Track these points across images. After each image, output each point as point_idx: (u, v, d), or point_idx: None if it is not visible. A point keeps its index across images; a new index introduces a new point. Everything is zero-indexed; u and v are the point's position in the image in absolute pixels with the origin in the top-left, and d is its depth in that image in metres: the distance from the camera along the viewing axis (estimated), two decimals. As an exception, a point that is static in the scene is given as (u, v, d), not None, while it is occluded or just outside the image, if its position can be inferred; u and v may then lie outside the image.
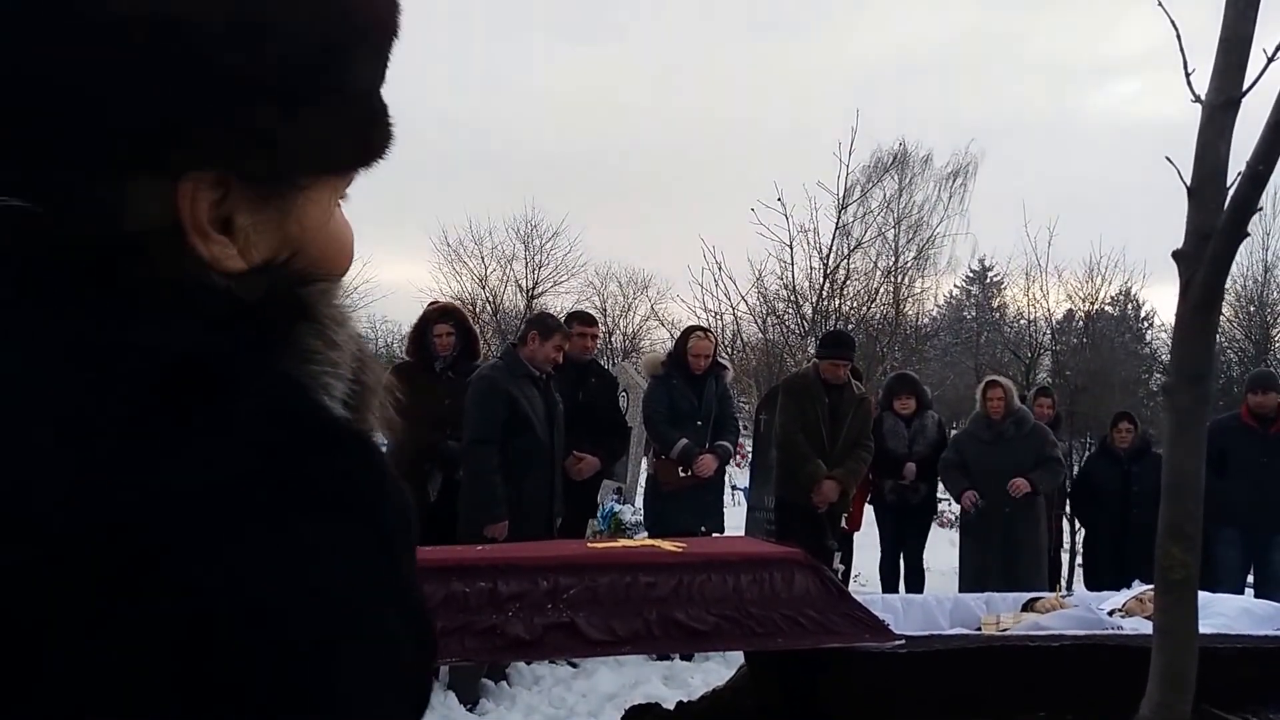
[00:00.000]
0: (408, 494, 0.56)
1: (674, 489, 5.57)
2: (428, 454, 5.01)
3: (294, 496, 0.48)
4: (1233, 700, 3.68)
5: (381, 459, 0.54)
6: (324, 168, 0.60)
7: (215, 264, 0.55)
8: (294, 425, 0.51)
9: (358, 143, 0.61)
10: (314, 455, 0.50)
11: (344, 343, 0.58)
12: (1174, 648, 1.85)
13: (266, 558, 0.46)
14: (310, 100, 0.56)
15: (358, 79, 0.59)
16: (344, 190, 0.63)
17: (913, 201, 18.14)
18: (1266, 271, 21.13)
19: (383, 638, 0.50)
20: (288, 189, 0.58)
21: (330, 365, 0.57)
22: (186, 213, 0.54)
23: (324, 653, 0.47)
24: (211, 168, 0.54)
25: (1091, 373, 14.81)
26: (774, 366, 13.68)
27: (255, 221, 0.57)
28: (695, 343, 5.80)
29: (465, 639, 2.94)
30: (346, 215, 0.65)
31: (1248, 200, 1.72)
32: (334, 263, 0.62)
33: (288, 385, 0.53)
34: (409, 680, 0.52)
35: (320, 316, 0.57)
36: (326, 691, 0.46)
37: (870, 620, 3.32)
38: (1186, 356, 1.84)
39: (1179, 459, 1.86)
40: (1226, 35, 1.82)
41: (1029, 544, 6.25)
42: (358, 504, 0.51)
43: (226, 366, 0.51)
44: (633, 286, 25.77)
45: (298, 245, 0.59)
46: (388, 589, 0.51)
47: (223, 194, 0.55)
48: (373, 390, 0.61)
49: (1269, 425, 6.33)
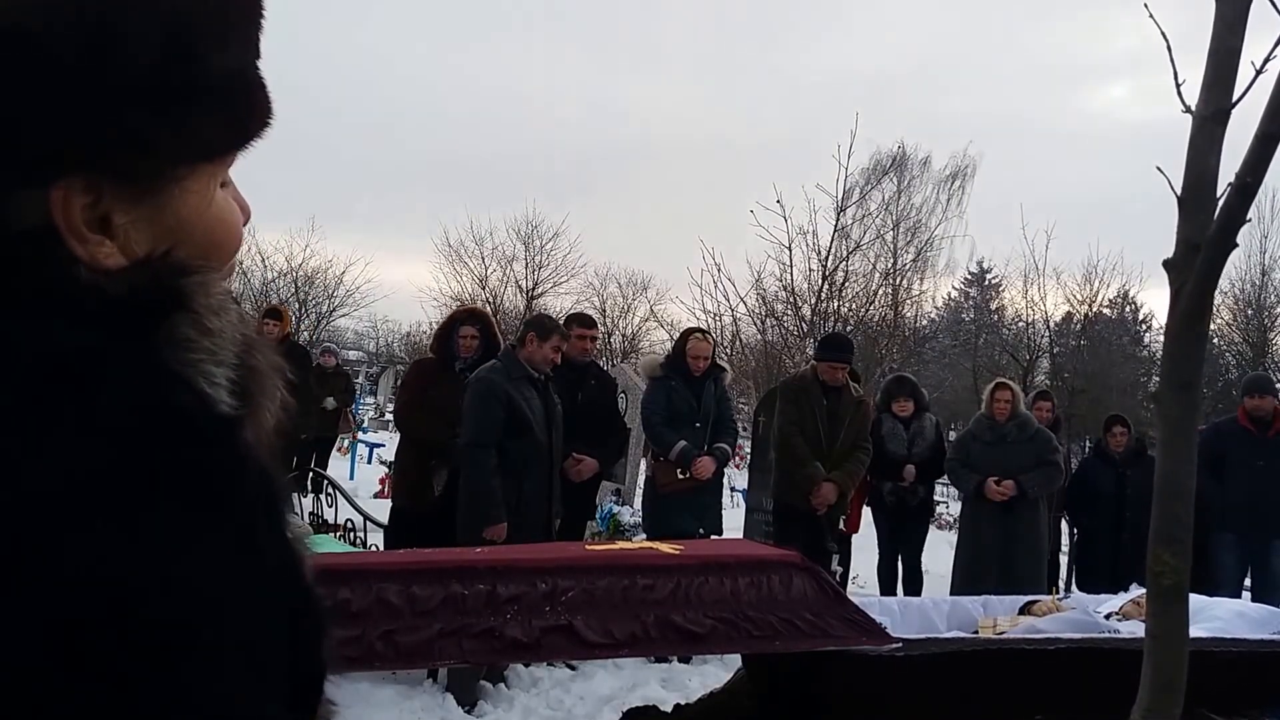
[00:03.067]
0: (274, 477, 0.58)
1: (672, 491, 5.57)
2: (435, 450, 5.05)
3: (149, 488, 0.50)
4: (1228, 704, 3.70)
5: (244, 444, 0.56)
6: (196, 157, 0.60)
7: (94, 263, 0.56)
8: (153, 417, 0.52)
9: (229, 127, 0.61)
10: (171, 446, 0.52)
11: (222, 329, 0.59)
12: (1164, 653, 1.87)
13: (119, 549, 0.48)
14: (171, 95, 0.57)
15: (222, 63, 0.59)
16: (224, 173, 0.64)
17: (911, 204, 18.20)
18: (1264, 275, 21.17)
19: (238, 621, 0.51)
20: (161, 184, 0.59)
21: (207, 353, 0.58)
22: (60, 218, 0.55)
23: (183, 638, 0.48)
24: (81, 173, 0.56)
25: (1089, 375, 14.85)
26: (773, 368, 13.71)
27: (132, 218, 0.58)
28: (694, 344, 5.80)
29: (463, 641, 2.95)
30: (236, 193, 0.66)
31: (1236, 212, 1.74)
32: (218, 247, 0.63)
33: (154, 376, 0.55)
34: (273, 660, 0.53)
35: (197, 306, 0.58)
36: (183, 674, 0.48)
37: (867, 623, 3.34)
38: (1177, 365, 1.87)
39: (1170, 465, 1.89)
40: (1215, 47, 1.84)
41: (1028, 545, 6.27)
42: (214, 492, 0.52)
43: (89, 362, 0.53)
44: (632, 288, 25.85)
45: (177, 236, 0.60)
46: (244, 574, 0.52)
47: (96, 196, 0.56)
48: (262, 372, 0.62)
49: (1266, 429, 6.35)
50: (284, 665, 0.55)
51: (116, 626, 0.47)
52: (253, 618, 0.52)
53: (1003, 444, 6.36)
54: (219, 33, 0.59)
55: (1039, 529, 6.39)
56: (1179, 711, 1.87)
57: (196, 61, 0.58)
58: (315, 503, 6.92)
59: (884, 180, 17.75)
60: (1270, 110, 1.74)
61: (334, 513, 6.61)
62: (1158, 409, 1.93)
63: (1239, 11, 1.83)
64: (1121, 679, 2.13)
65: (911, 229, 17.92)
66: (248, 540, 0.53)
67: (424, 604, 2.95)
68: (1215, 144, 1.84)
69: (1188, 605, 1.93)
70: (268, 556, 0.55)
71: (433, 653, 3.00)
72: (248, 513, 0.54)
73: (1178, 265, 1.83)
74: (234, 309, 0.61)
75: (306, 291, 24.49)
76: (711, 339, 6.22)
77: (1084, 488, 7.30)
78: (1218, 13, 1.85)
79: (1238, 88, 1.85)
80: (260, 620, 0.53)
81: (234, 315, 0.61)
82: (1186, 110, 1.87)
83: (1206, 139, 1.84)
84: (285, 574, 0.57)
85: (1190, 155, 1.86)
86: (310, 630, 0.59)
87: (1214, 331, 20.23)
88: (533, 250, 23.92)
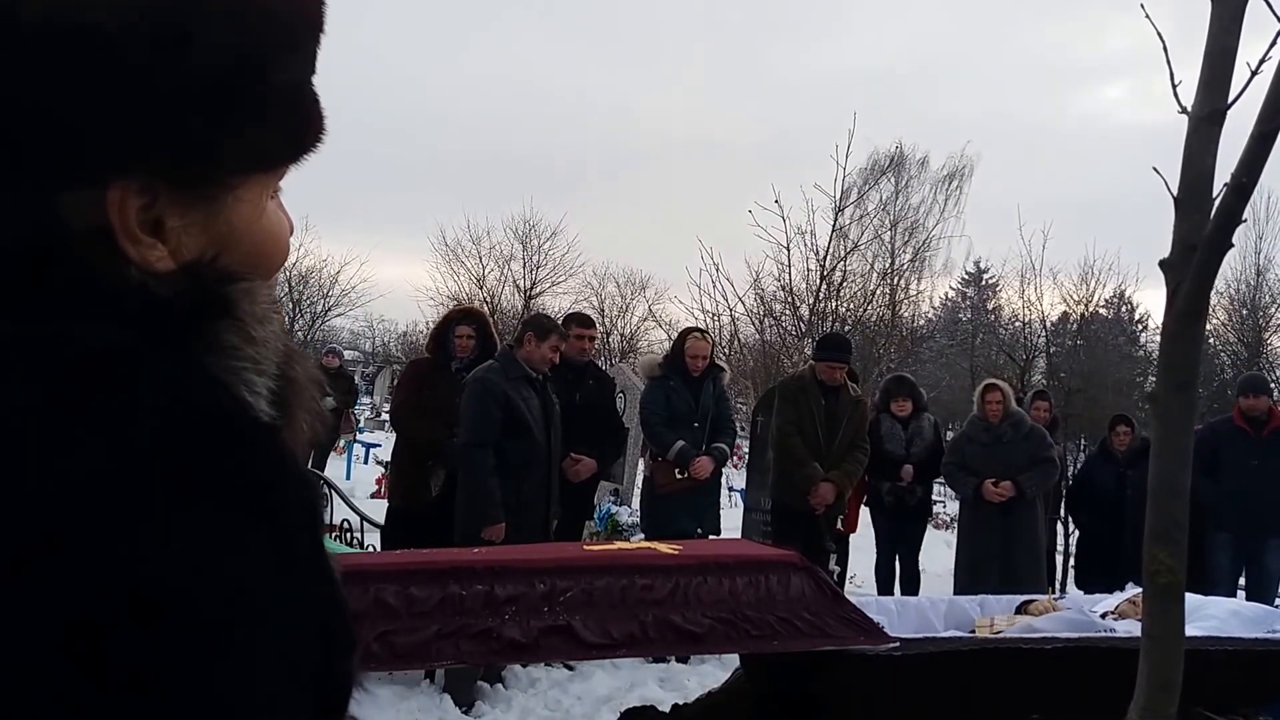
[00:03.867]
0: (312, 487, 0.57)
1: (670, 491, 5.58)
2: (433, 450, 5.05)
3: (188, 487, 0.50)
4: (1224, 702, 3.71)
5: (284, 451, 0.56)
6: (252, 167, 0.61)
7: (145, 265, 0.56)
8: (193, 418, 0.52)
9: (286, 140, 0.62)
10: (211, 447, 0.52)
11: (266, 339, 0.59)
12: (1160, 651, 1.88)
13: (156, 546, 0.48)
14: (235, 103, 0.57)
15: (284, 76, 0.60)
16: (276, 185, 0.64)
17: (909, 204, 18.22)
18: (1259, 275, 21.22)
19: (275, 625, 0.51)
20: (216, 190, 0.59)
21: (251, 361, 0.58)
22: (115, 218, 0.55)
23: (209, 639, 0.48)
24: (138, 175, 0.56)
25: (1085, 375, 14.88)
26: (771, 367, 13.71)
27: (185, 223, 0.58)
28: (693, 343, 5.81)
29: (461, 642, 2.95)
30: (284, 207, 0.66)
31: (1232, 212, 1.75)
32: (267, 258, 0.64)
33: (196, 379, 0.55)
34: (304, 667, 0.53)
35: (242, 314, 0.58)
36: (214, 676, 0.48)
37: (865, 622, 3.34)
38: (1173, 364, 1.87)
39: (1165, 464, 1.89)
40: (1211, 48, 1.85)
41: (1026, 545, 6.28)
42: (253, 496, 0.52)
43: (130, 360, 0.52)
44: (630, 287, 25.84)
45: (227, 243, 0.60)
46: (280, 579, 0.52)
47: (151, 199, 0.56)
48: (300, 384, 0.62)
49: (1261, 428, 6.38)
50: (313, 674, 0.54)
51: (149, 621, 0.47)
52: (287, 623, 0.52)
53: (998, 444, 6.37)
54: (284, 45, 0.59)
55: (1036, 529, 6.41)
56: (1175, 710, 1.87)
57: (261, 72, 0.58)
58: (313, 503, 6.91)
59: (882, 180, 17.79)
60: (1266, 110, 1.75)
61: (330, 513, 6.62)
62: (1153, 409, 1.94)
63: (1235, 12, 1.84)
64: (1118, 678, 2.14)
65: (909, 229, 17.95)
66: (285, 546, 0.53)
67: (421, 605, 2.95)
68: (1211, 144, 1.85)
69: (1184, 604, 1.93)
70: (304, 565, 0.55)
71: (430, 654, 2.99)
72: (286, 518, 0.54)
73: (1174, 265, 1.84)
74: (277, 319, 0.61)
75: (301, 291, 24.45)
76: (710, 338, 6.22)
77: (1086, 487, 7.32)
78: (1214, 13, 1.86)
79: (1233, 88, 1.86)
80: (294, 626, 0.53)
81: (277, 325, 0.60)
82: (1183, 111, 1.88)
83: (1202, 139, 1.85)
84: (320, 584, 0.57)
85: (1186, 156, 1.86)
86: (341, 644, 0.59)
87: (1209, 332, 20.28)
88: (530, 249, 23.91)
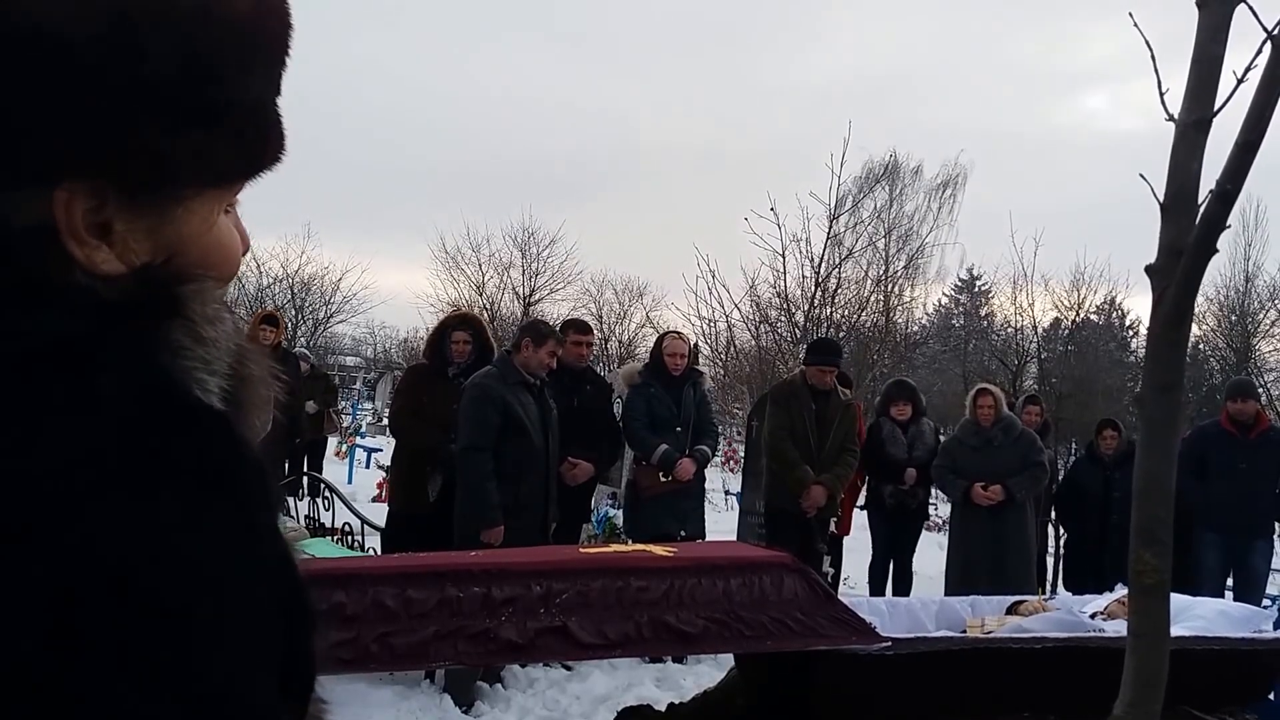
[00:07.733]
0: (267, 471, 0.59)
1: (654, 494, 5.60)
2: (430, 456, 5.07)
3: (152, 469, 0.51)
4: (1210, 701, 3.75)
5: (240, 436, 0.57)
6: (204, 179, 0.60)
7: (90, 267, 0.57)
8: (153, 402, 0.53)
9: (241, 156, 0.62)
10: (172, 430, 0.53)
11: (217, 339, 0.59)
12: (1146, 651, 1.91)
13: (124, 526, 0.49)
14: (187, 114, 0.57)
15: (241, 94, 0.60)
16: (230, 200, 0.65)
17: (903, 212, 18.32)
18: (1248, 282, 21.37)
19: (239, 604, 0.52)
20: (167, 199, 0.59)
21: (201, 361, 0.58)
22: (61, 218, 0.56)
23: (181, 616, 0.49)
24: (87, 177, 0.56)
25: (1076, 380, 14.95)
26: (766, 373, 13.75)
27: (132, 229, 0.58)
28: (670, 342, 5.86)
29: (459, 643, 2.98)
30: (238, 221, 0.66)
31: (1217, 218, 1.78)
32: (214, 269, 0.63)
33: (151, 366, 0.56)
34: (269, 645, 0.55)
35: (192, 314, 0.58)
36: (184, 653, 0.49)
37: (857, 623, 3.38)
38: (1158, 367, 1.91)
39: (1151, 466, 1.92)
40: (1198, 56, 1.88)
41: (1017, 546, 6.33)
42: (215, 476, 0.54)
43: (87, 347, 0.53)
44: (628, 294, 25.90)
45: (174, 252, 0.60)
46: (242, 559, 0.54)
47: (100, 202, 0.56)
48: (254, 380, 0.63)
49: (1248, 432, 6.45)
50: (278, 651, 0.55)
51: (117, 602, 0.48)
52: (250, 600, 0.53)
53: (989, 448, 6.41)
54: (242, 62, 0.59)
55: (1027, 531, 6.46)
56: (1159, 707, 1.91)
57: (217, 86, 0.58)
58: (313, 506, 6.92)
59: (876, 188, 17.88)
60: (1249, 120, 1.78)
61: (331, 516, 6.63)
62: (1140, 411, 1.97)
63: (1221, 20, 1.87)
64: (1106, 677, 2.17)
65: (903, 236, 18.06)
66: (246, 525, 0.54)
67: (419, 606, 2.98)
68: (1197, 151, 1.88)
69: (1169, 604, 1.96)
70: (264, 545, 0.56)
71: (428, 654, 3.02)
72: (245, 499, 0.55)
73: (1160, 270, 1.87)
74: (229, 319, 0.61)
75: (303, 298, 24.43)
76: (688, 339, 6.26)
77: (1074, 489, 7.38)
78: (1200, 21, 1.89)
79: (1219, 96, 1.89)
80: (257, 604, 0.53)
81: (229, 325, 0.61)
82: (1170, 118, 1.91)
83: (1189, 147, 1.88)
84: (279, 565, 0.58)
85: (1173, 163, 1.89)
86: (301, 623, 0.60)
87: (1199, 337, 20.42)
88: (529, 257, 23.92)
